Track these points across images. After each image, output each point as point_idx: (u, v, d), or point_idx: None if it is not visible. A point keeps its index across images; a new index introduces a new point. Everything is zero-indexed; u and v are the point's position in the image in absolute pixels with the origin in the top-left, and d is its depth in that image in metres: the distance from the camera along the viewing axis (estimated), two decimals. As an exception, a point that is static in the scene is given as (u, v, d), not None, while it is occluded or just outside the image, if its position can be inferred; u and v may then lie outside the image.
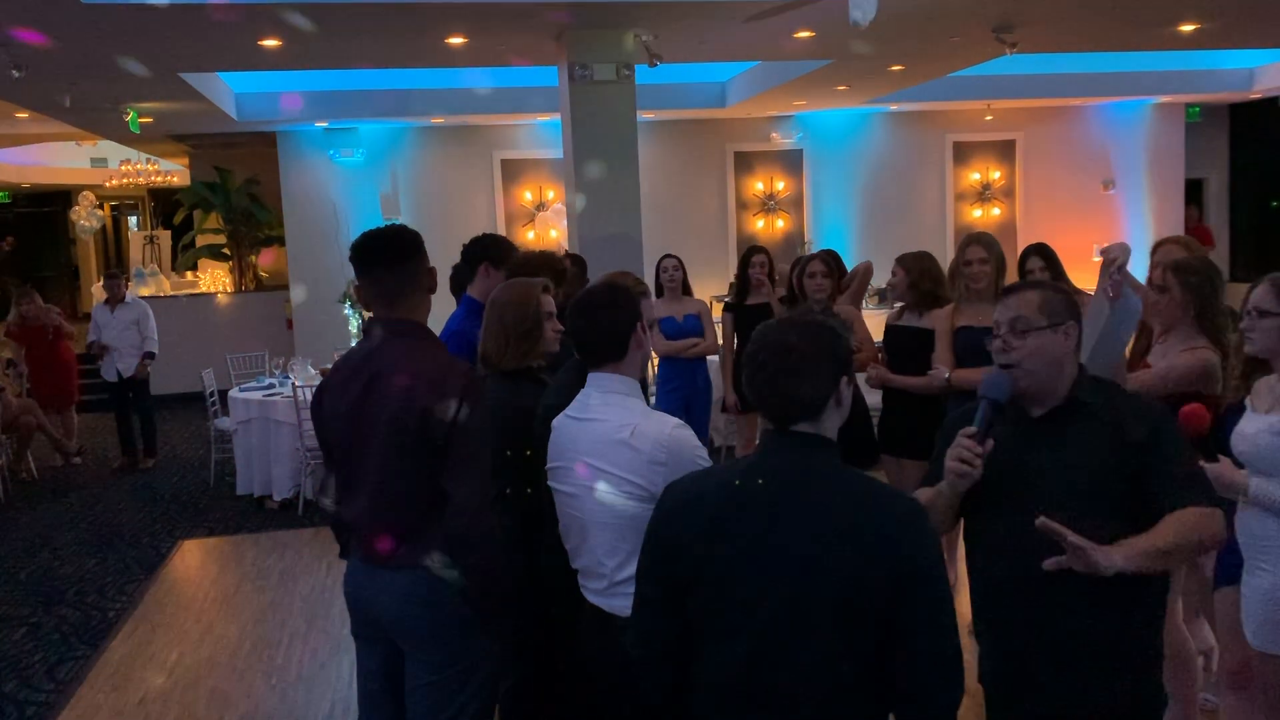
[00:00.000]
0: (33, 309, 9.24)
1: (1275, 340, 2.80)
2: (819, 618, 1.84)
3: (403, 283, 2.68)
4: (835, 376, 1.93)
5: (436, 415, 2.52)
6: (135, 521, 7.60)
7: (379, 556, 2.64)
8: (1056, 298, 2.29)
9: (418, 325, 2.72)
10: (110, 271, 9.79)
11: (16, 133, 12.29)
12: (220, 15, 6.11)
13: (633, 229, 7.19)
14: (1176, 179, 13.88)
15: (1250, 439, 2.78)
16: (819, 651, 1.84)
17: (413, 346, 2.66)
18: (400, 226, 2.79)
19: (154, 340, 9.19)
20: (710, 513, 1.94)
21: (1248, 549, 2.82)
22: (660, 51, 7.31)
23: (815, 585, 1.83)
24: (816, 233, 13.00)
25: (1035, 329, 2.24)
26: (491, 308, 3.19)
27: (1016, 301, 2.29)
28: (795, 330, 1.95)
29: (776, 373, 1.91)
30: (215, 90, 9.54)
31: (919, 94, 11.25)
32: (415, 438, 2.55)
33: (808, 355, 1.91)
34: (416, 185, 12.39)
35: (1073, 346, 2.28)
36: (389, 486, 2.62)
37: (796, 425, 1.92)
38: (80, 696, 4.73)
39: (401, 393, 2.57)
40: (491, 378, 3.14)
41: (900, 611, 1.82)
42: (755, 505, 1.90)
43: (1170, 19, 7.86)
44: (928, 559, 1.85)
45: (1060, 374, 2.26)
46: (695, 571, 1.94)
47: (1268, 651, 2.77)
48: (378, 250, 2.69)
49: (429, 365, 2.61)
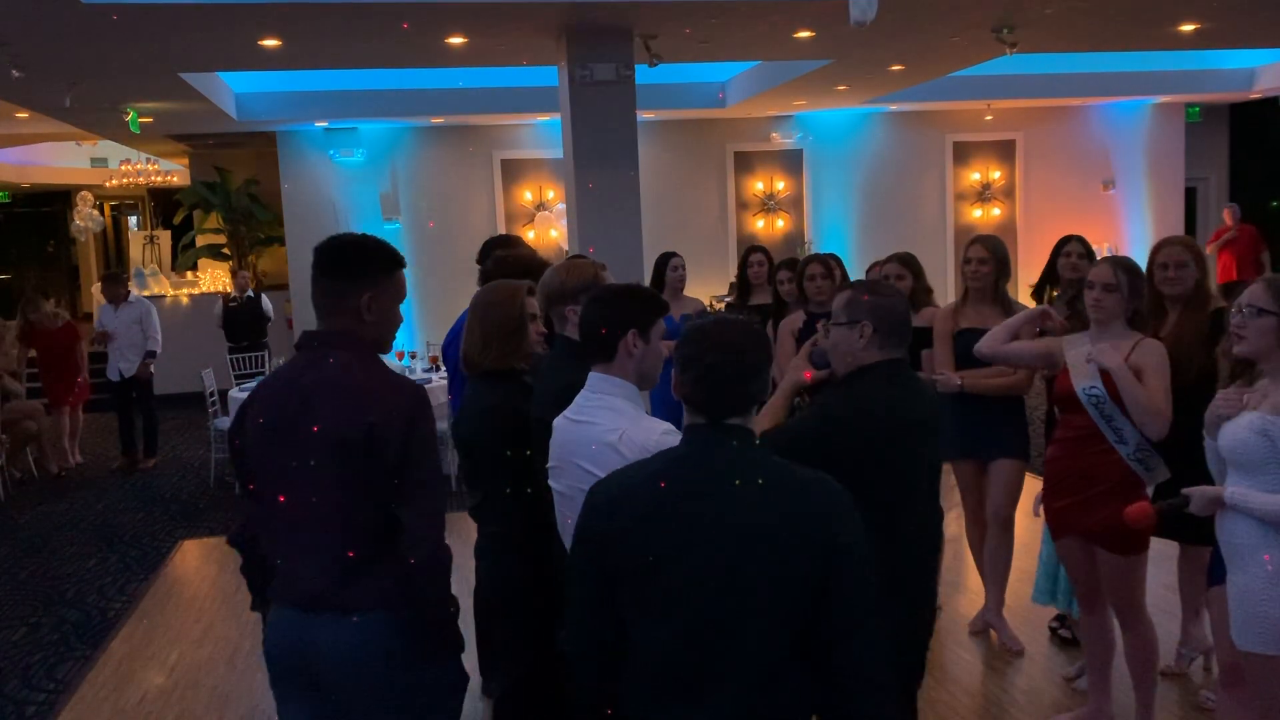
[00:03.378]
0: (40, 315, 9.26)
1: (1266, 340, 2.83)
2: (754, 597, 1.91)
3: (343, 297, 2.44)
4: (769, 377, 2.10)
5: (383, 436, 2.31)
6: (135, 521, 7.60)
7: (325, 599, 2.37)
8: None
9: (355, 339, 2.46)
10: (110, 273, 9.79)
11: (16, 133, 12.28)
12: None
13: (633, 229, 7.20)
14: (1176, 179, 13.88)
15: (1230, 435, 2.84)
16: (754, 631, 1.92)
17: (349, 362, 2.42)
18: (370, 239, 2.54)
19: (156, 339, 9.21)
20: (644, 505, 1.98)
21: (1227, 551, 2.88)
22: (660, 51, 7.32)
23: (751, 566, 1.91)
24: (816, 233, 13.01)
25: None
26: (473, 309, 3.16)
27: None
28: (738, 332, 2.06)
29: (729, 372, 2.00)
30: (215, 90, 9.55)
31: (919, 94, 11.25)
32: (360, 463, 2.33)
33: (756, 357, 2.04)
34: (416, 185, 12.39)
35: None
36: (335, 519, 2.36)
37: (731, 419, 2.01)
38: (80, 696, 4.73)
39: (340, 412, 2.34)
40: (473, 379, 3.12)
41: (829, 586, 1.92)
42: (691, 494, 1.96)
43: (1170, 19, 7.86)
44: (853, 536, 1.96)
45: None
46: (627, 563, 1.98)
47: (1250, 650, 2.81)
48: (323, 258, 2.48)
49: (369, 380, 2.40)
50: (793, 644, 1.94)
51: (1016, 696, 4.26)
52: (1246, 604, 2.80)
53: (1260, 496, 2.75)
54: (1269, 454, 2.75)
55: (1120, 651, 3.86)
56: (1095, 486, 3.53)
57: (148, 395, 9.30)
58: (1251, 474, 2.79)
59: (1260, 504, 2.74)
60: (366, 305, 2.44)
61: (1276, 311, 2.81)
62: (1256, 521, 2.78)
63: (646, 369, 2.56)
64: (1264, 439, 2.75)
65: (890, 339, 2.71)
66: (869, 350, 2.70)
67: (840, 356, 2.77)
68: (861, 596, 1.94)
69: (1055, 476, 3.68)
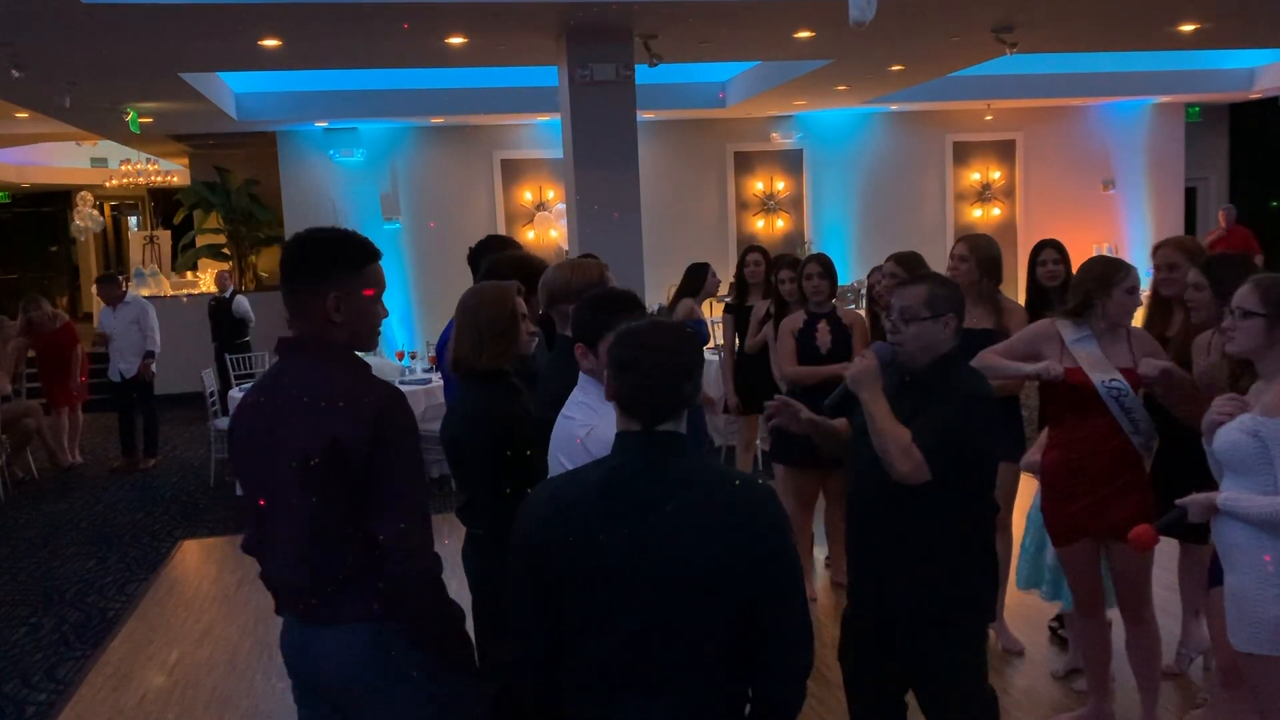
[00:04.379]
0: (40, 315, 9.26)
1: (1257, 341, 2.85)
2: (690, 599, 1.96)
3: (308, 298, 2.30)
4: (700, 381, 2.12)
5: (349, 445, 2.17)
6: (135, 521, 7.60)
7: (313, 613, 2.31)
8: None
9: (321, 339, 2.30)
10: (105, 274, 9.79)
11: (16, 133, 12.28)
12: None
13: (633, 229, 7.19)
14: (1176, 179, 13.88)
15: (1222, 437, 2.85)
16: (692, 633, 1.97)
17: (313, 366, 2.28)
18: (339, 234, 2.39)
19: (155, 338, 9.19)
20: (583, 513, 2.00)
21: (1224, 553, 2.89)
22: (660, 51, 7.32)
23: (687, 570, 1.95)
24: (816, 233, 13.01)
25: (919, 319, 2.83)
26: (463, 311, 3.13)
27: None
28: (677, 335, 2.08)
29: (668, 376, 2.01)
30: (215, 90, 9.55)
31: (919, 94, 11.26)
32: (331, 474, 2.19)
33: (694, 360, 2.06)
34: (416, 185, 12.39)
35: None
36: (312, 533, 2.25)
37: (664, 425, 2.03)
38: (80, 696, 4.73)
39: (306, 422, 2.21)
40: (461, 380, 3.12)
41: (758, 585, 1.98)
42: (628, 501, 1.99)
43: (1170, 19, 7.86)
44: (780, 537, 2.02)
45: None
46: (569, 570, 2.00)
47: (1247, 651, 2.82)
48: (289, 256, 2.35)
49: (334, 386, 2.23)
50: (729, 644, 2.00)
51: (1016, 696, 4.26)
52: (1243, 605, 2.80)
53: (1252, 500, 2.76)
54: (1260, 455, 2.75)
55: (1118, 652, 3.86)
56: (1108, 485, 3.54)
57: (148, 396, 9.30)
58: (1244, 475, 2.79)
59: (1251, 509, 2.75)
60: (334, 306, 2.29)
61: (1264, 313, 2.83)
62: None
63: (589, 368, 2.62)
64: (1255, 440, 2.76)
65: (960, 329, 2.92)
66: (951, 340, 2.87)
67: (923, 349, 2.85)
68: (791, 590, 2.02)
69: (1062, 480, 3.62)
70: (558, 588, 2.02)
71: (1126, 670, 3.91)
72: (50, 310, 9.42)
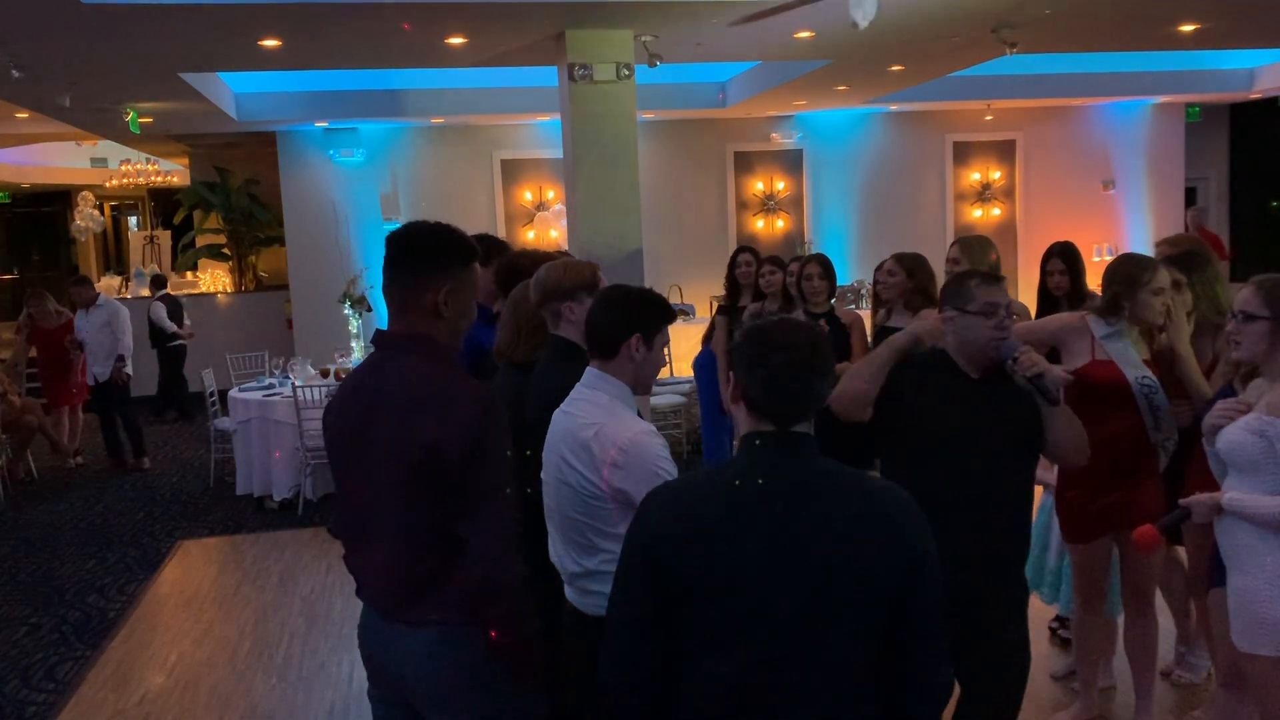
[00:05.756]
0: (40, 311, 9.25)
1: (1261, 344, 2.83)
2: (836, 613, 1.83)
3: (418, 292, 2.29)
4: (834, 380, 2.00)
5: (446, 450, 2.17)
6: (135, 521, 7.60)
7: (395, 611, 2.32)
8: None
9: (426, 339, 2.30)
10: (77, 276, 9.78)
11: (16, 133, 12.27)
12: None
13: (632, 229, 7.20)
14: (1176, 179, 13.88)
15: (1227, 436, 2.84)
16: (836, 647, 1.85)
17: (415, 366, 2.28)
18: (445, 228, 2.36)
19: (125, 342, 9.03)
20: (709, 522, 1.86)
21: (1227, 554, 2.88)
22: (660, 51, 7.32)
23: (832, 582, 1.83)
24: (816, 233, 13.00)
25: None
26: (510, 303, 3.31)
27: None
28: (806, 330, 1.96)
29: (809, 373, 1.89)
30: (215, 90, 9.54)
31: (919, 94, 11.25)
32: (424, 476, 2.20)
33: (828, 356, 1.93)
34: (416, 185, 12.39)
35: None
36: (399, 532, 2.27)
37: (797, 426, 1.90)
38: (80, 696, 4.73)
39: (403, 424, 2.22)
40: (504, 368, 3.26)
41: (907, 596, 1.87)
42: (761, 509, 1.85)
43: (1170, 19, 7.86)
44: (929, 544, 1.90)
45: None
46: (697, 582, 1.85)
47: (1250, 651, 2.81)
48: (397, 248, 2.32)
49: (435, 390, 2.23)
50: (870, 659, 1.88)
51: (1016, 696, 4.26)
52: (1249, 606, 2.78)
53: (1258, 500, 2.74)
54: (1266, 454, 2.74)
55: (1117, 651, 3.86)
56: (1131, 482, 3.57)
57: (124, 400, 9.10)
58: (1249, 475, 2.78)
59: (1259, 509, 2.73)
60: (443, 301, 2.28)
61: (1267, 316, 2.81)
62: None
63: (644, 375, 2.58)
64: (1260, 439, 2.74)
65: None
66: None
67: (976, 346, 2.85)
68: (936, 603, 1.90)
69: (1085, 478, 3.55)
70: (683, 601, 1.86)
71: (1127, 671, 3.91)
72: (53, 307, 9.42)
